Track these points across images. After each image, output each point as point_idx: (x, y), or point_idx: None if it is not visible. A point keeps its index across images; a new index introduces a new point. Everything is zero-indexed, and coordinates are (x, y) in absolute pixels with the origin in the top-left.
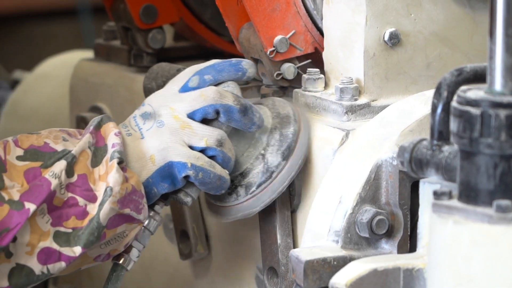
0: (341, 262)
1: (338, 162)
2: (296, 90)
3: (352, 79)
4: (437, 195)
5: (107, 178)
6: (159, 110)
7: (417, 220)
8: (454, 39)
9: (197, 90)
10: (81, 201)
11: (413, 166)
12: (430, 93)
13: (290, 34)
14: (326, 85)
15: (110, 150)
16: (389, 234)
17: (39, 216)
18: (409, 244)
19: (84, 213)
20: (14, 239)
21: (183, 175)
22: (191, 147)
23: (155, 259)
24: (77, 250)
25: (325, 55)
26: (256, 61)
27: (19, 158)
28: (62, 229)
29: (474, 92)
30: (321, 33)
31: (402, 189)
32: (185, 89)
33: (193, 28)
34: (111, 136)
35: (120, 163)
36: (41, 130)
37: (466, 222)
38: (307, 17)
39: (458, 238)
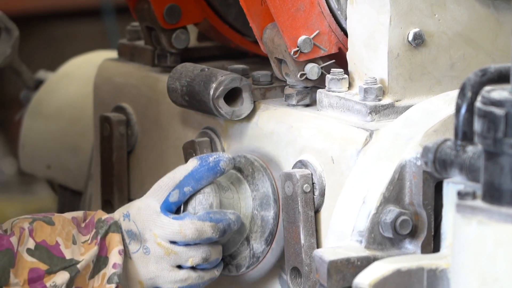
0: (365, 262)
1: (362, 162)
2: (319, 90)
3: (376, 79)
4: (461, 195)
5: None
6: (144, 234)
7: (440, 220)
8: (478, 40)
9: (176, 222)
10: None
11: (437, 166)
12: (454, 93)
13: (314, 34)
14: (350, 85)
15: (111, 269)
16: (413, 234)
17: None
18: (433, 244)
19: None
20: None
21: None
22: (179, 266)
23: None
24: None
25: (349, 55)
26: (280, 61)
27: (29, 251)
28: None
29: (498, 92)
30: (345, 34)
31: (426, 189)
32: (166, 205)
33: (217, 28)
34: (115, 252)
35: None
36: (65, 129)
37: (490, 222)
38: (331, 17)
39: (482, 238)
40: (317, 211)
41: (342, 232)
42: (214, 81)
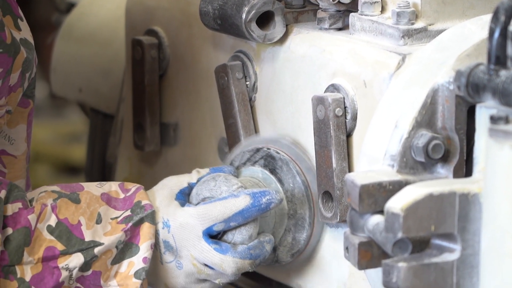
0: (397, 186)
1: (395, 86)
2: (352, 14)
3: (409, 3)
4: (493, 120)
5: None
6: (180, 251)
7: (473, 145)
8: None
9: (217, 255)
10: None
11: (470, 90)
12: (488, 17)
13: None
14: (383, 9)
15: (140, 263)
16: (445, 158)
17: None
18: (465, 169)
19: None
20: None
21: None
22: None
23: None
24: None
25: None
26: None
27: (49, 228)
28: None
29: None
30: None
31: (458, 114)
32: (209, 230)
33: None
34: (147, 246)
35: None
36: (97, 52)
37: None
38: None
39: None
40: (349, 135)
41: (374, 156)
42: (246, 5)
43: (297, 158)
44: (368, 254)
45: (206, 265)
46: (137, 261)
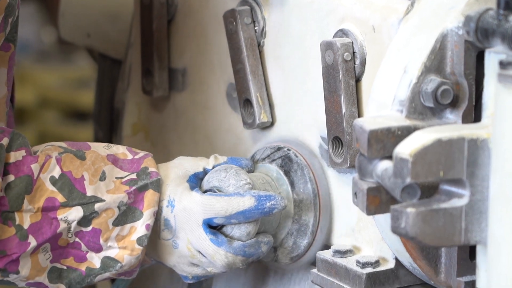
0: (405, 131)
1: (403, 31)
2: None
3: None
4: (503, 65)
5: (124, 256)
6: (179, 232)
7: (482, 90)
8: None
9: (211, 246)
10: (84, 247)
11: (479, 35)
12: None
13: None
14: None
15: (143, 229)
16: (454, 104)
17: (41, 253)
18: (474, 114)
19: (83, 258)
20: (17, 272)
21: (186, 281)
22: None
23: (218, 128)
24: (61, 287)
25: None
26: None
27: (52, 179)
28: (58, 265)
29: None
30: None
31: (467, 59)
32: (209, 221)
33: None
34: (150, 213)
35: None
36: None
37: None
38: None
39: None
40: (357, 81)
41: (382, 101)
42: None
43: (313, 164)
44: (377, 200)
45: (199, 252)
46: (140, 227)
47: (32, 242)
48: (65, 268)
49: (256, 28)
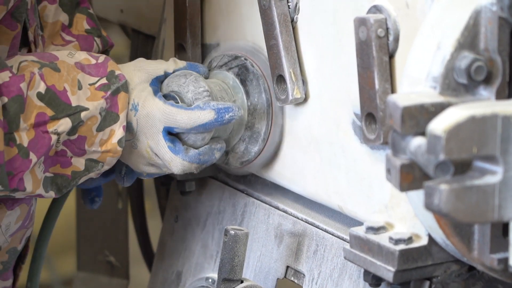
0: (439, 108)
1: (437, 7)
2: None
3: None
4: None
5: (107, 158)
6: (139, 135)
7: None
8: None
9: (168, 154)
10: (69, 153)
11: None
12: None
13: None
14: None
15: (121, 131)
16: (487, 80)
17: (37, 166)
18: (508, 91)
19: (68, 163)
20: (24, 189)
21: (141, 177)
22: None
23: None
24: (52, 195)
25: None
26: None
27: (39, 95)
28: (47, 174)
29: None
30: None
31: (501, 35)
32: (169, 129)
33: None
34: (124, 114)
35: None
36: None
37: None
38: None
39: None
40: (391, 57)
41: (416, 77)
42: None
43: (268, 75)
44: (410, 176)
45: (157, 155)
46: (117, 129)
47: (33, 158)
48: (53, 176)
49: (289, 4)
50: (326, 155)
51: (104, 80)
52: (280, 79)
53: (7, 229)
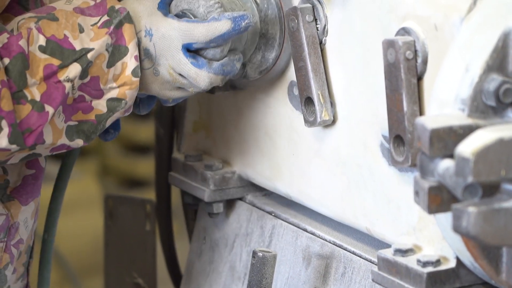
0: (467, 130)
1: (466, 30)
2: None
3: None
4: None
5: (125, 92)
6: (159, 59)
7: None
8: None
9: (193, 69)
10: (87, 98)
11: None
12: None
13: None
14: None
15: (133, 61)
16: None
17: (56, 116)
18: None
19: (89, 108)
20: (43, 141)
21: (166, 104)
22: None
23: (280, 126)
24: (80, 142)
25: None
26: None
27: (41, 48)
28: (70, 122)
29: None
30: None
31: None
32: (188, 46)
33: None
34: (134, 44)
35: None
36: None
37: None
38: None
39: None
40: (419, 79)
41: (444, 100)
42: None
43: None
44: (438, 199)
45: (181, 75)
46: (129, 61)
47: (50, 109)
48: (77, 123)
49: (318, 26)
50: (354, 177)
51: (105, 17)
52: (308, 101)
53: (26, 226)
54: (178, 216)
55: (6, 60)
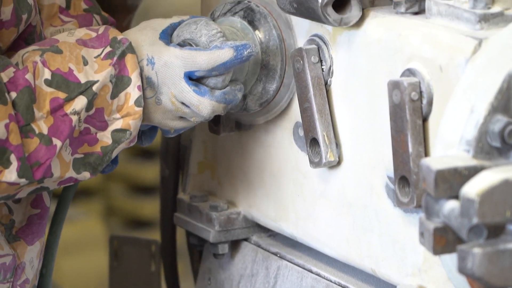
0: (472, 171)
1: (471, 71)
2: None
3: None
4: None
5: (129, 122)
6: (161, 88)
7: None
8: None
9: (195, 97)
10: (93, 130)
11: None
12: None
13: None
14: None
15: (136, 91)
16: None
17: (63, 149)
18: None
19: (95, 140)
20: (51, 175)
21: (168, 135)
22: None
23: (285, 167)
24: (87, 175)
25: None
26: None
27: (46, 82)
28: (77, 155)
29: None
30: None
31: None
32: (190, 74)
33: None
34: (136, 75)
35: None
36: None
37: None
38: None
39: None
40: (424, 120)
41: (449, 141)
42: None
43: (275, 13)
44: (443, 240)
45: (183, 103)
46: (132, 91)
47: (57, 143)
48: (83, 156)
49: (323, 67)
50: (359, 218)
51: (108, 48)
52: (313, 142)
53: (32, 266)
54: (183, 257)
55: (13, 94)
